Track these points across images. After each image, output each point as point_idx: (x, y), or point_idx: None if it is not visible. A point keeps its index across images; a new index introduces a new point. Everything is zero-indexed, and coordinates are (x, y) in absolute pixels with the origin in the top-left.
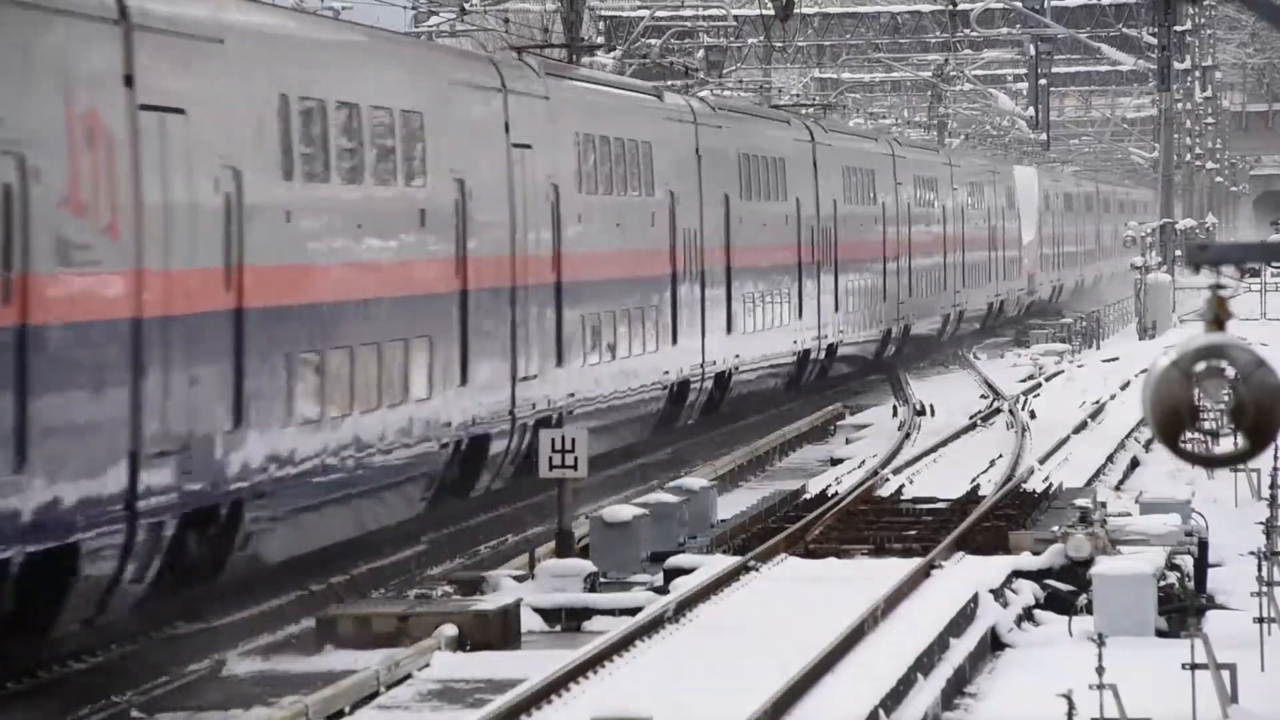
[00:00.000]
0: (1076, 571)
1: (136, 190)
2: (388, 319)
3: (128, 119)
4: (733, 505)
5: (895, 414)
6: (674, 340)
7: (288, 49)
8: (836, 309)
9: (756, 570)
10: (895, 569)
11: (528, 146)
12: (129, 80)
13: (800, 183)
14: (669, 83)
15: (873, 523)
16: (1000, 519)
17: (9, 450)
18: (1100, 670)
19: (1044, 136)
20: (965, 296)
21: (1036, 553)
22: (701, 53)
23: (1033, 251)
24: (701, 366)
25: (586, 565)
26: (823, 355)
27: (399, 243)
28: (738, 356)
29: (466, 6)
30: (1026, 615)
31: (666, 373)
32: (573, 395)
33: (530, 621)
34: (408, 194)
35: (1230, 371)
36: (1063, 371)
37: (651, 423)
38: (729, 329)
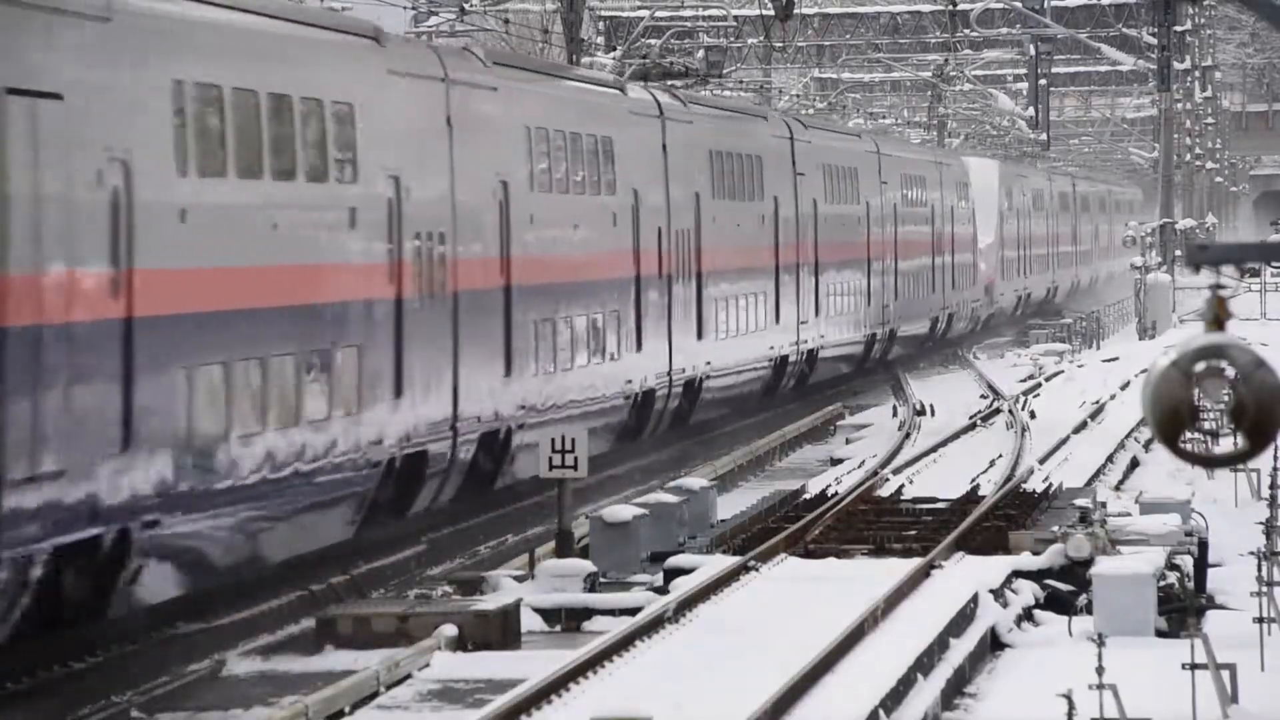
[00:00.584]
0: (1076, 571)
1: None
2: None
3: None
4: (733, 505)
5: (895, 414)
6: (638, 347)
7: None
8: (818, 312)
9: (756, 570)
10: (895, 569)
11: (474, 141)
12: None
13: (779, 181)
14: (671, 83)
15: (873, 523)
16: (1000, 519)
17: None
18: (1100, 670)
19: (1044, 136)
20: (899, 312)
21: (1036, 553)
22: (701, 53)
23: (992, 256)
24: (669, 374)
25: (586, 565)
26: (803, 360)
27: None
28: (709, 363)
29: (466, 6)
30: (1026, 615)
31: (630, 381)
32: (523, 408)
33: (530, 621)
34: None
35: (1230, 371)
36: (1063, 371)
37: (613, 435)
38: (699, 334)
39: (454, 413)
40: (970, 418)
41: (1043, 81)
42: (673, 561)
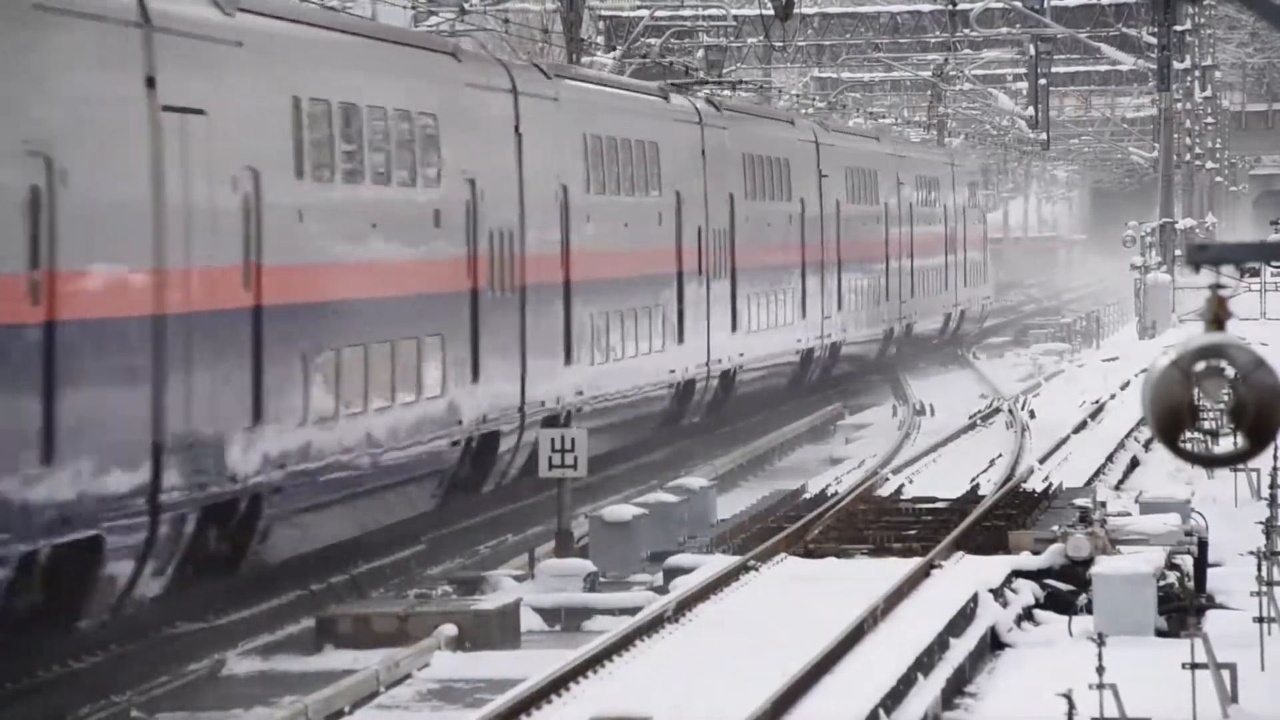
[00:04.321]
0: (1076, 571)
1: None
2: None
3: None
4: (733, 505)
5: (895, 414)
6: (680, 339)
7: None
8: (840, 308)
9: (756, 570)
10: (895, 569)
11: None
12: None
13: (805, 183)
14: (671, 81)
15: (872, 522)
16: (1000, 519)
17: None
18: (1100, 670)
19: (1044, 136)
20: (915, 308)
21: (1036, 552)
22: (701, 53)
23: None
24: (707, 365)
25: (586, 565)
26: (827, 353)
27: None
28: (742, 355)
29: (466, 6)
30: (1026, 615)
31: (672, 371)
32: (580, 393)
33: (530, 621)
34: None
35: (1230, 371)
36: (1063, 371)
37: (657, 421)
38: (734, 327)
39: (522, 397)
40: (970, 418)
41: (1043, 81)
42: (673, 561)
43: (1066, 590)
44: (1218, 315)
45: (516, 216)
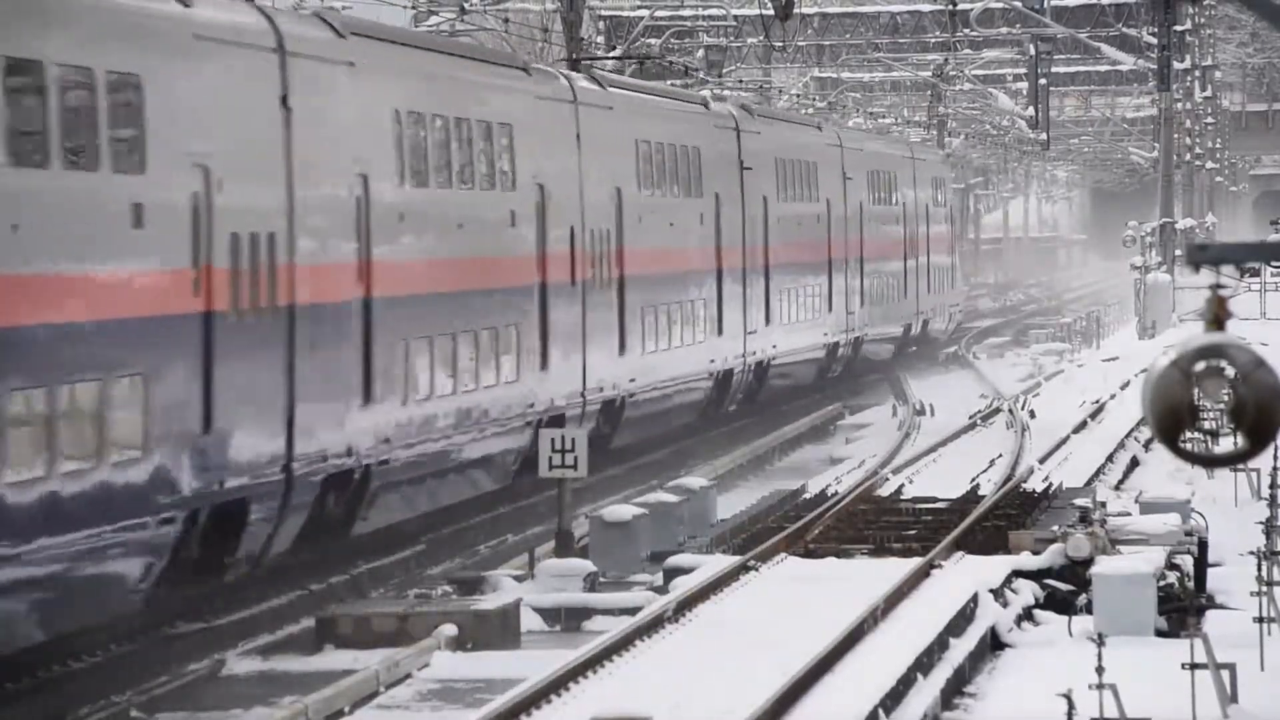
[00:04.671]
0: (1076, 571)
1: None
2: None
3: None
4: (733, 505)
5: (895, 414)
6: (719, 332)
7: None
8: (862, 303)
9: (756, 570)
10: (895, 569)
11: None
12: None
13: (830, 183)
14: (745, 96)
15: (872, 522)
16: (1000, 519)
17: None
18: (1100, 670)
19: (1044, 136)
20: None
21: (1036, 552)
22: (701, 52)
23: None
24: (744, 356)
25: (586, 565)
26: (850, 346)
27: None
28: (775, 346)
29: (466, 6)
30: (1026, 615)
31: (713, 361)
32: (633, 381)
33: (530, 621)
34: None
35: (1230, 371)
36: (1063, 371)
37: (699, 410)
38: (767, 320)
39: (583, 384)
40: (970, 418)
41: (1043, 81)
42: (673, 561)
43: (1066, 590)
44: (1218, 315)
45: (578, 217)
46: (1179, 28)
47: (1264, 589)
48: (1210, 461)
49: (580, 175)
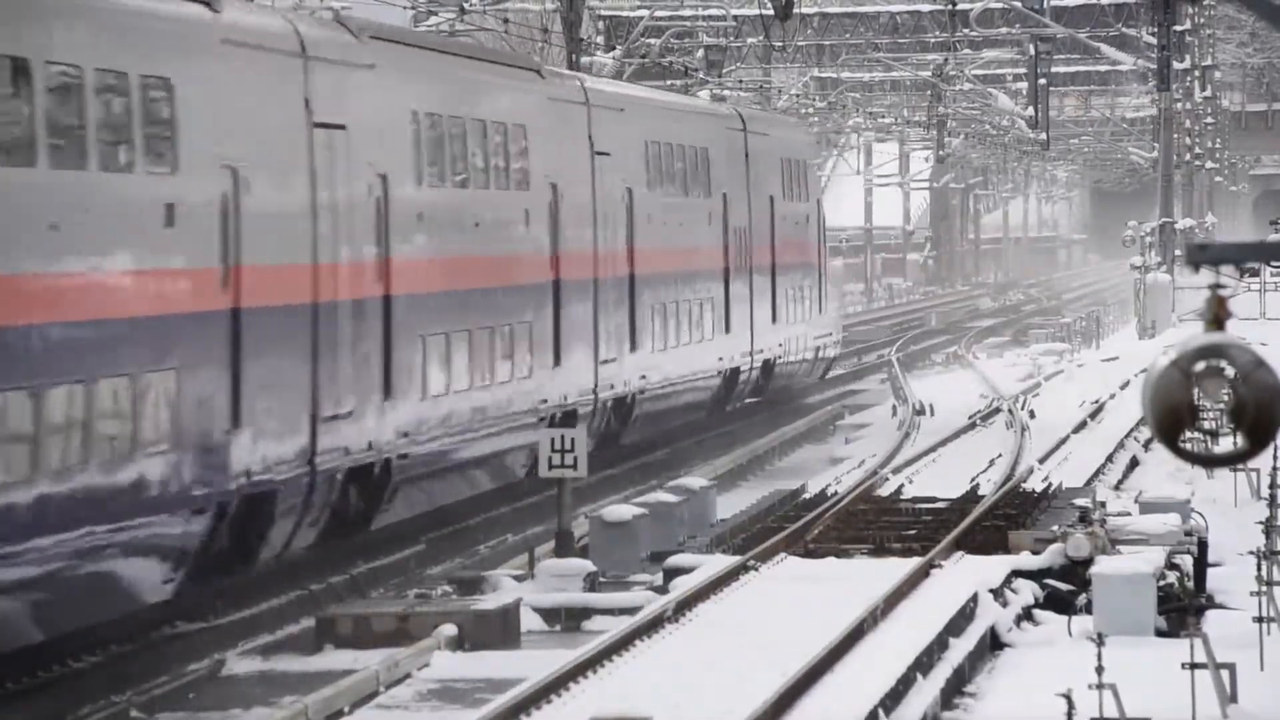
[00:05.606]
0: (1076, 571)
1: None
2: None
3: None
4: (732, 505)
5: (895, 414)
6: (727, 329)
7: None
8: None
9: (756, 570)
10: (895, 569)
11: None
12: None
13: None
14: (747, 97)
15: (872, 522)
16: (1000, 519)
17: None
18: (1100, 670)
19: (1044, 136)
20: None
21: (1036, 552)
22: (701, 52)
23: None
24: (750, 354)
25: (586, 565)
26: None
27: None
28: (780, 345)
29: (466, 6)
30: (1026, 615)
31: (721, 359)
32: (643, 378)
33: (530, 621)
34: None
35: (1230, 371)
36: (1062, 371)
37: (706, 407)
38: (773, 319)
39: (595, 381)
40: (970, 418)
41: (1042, 81)
42: (672, 561)
43: (1066, 590)
44: (1218, 315)
45: (590, 216)
46: (1179, 28)
47: (1264, 589)
48: (1210, 461)
49: (593, 175)
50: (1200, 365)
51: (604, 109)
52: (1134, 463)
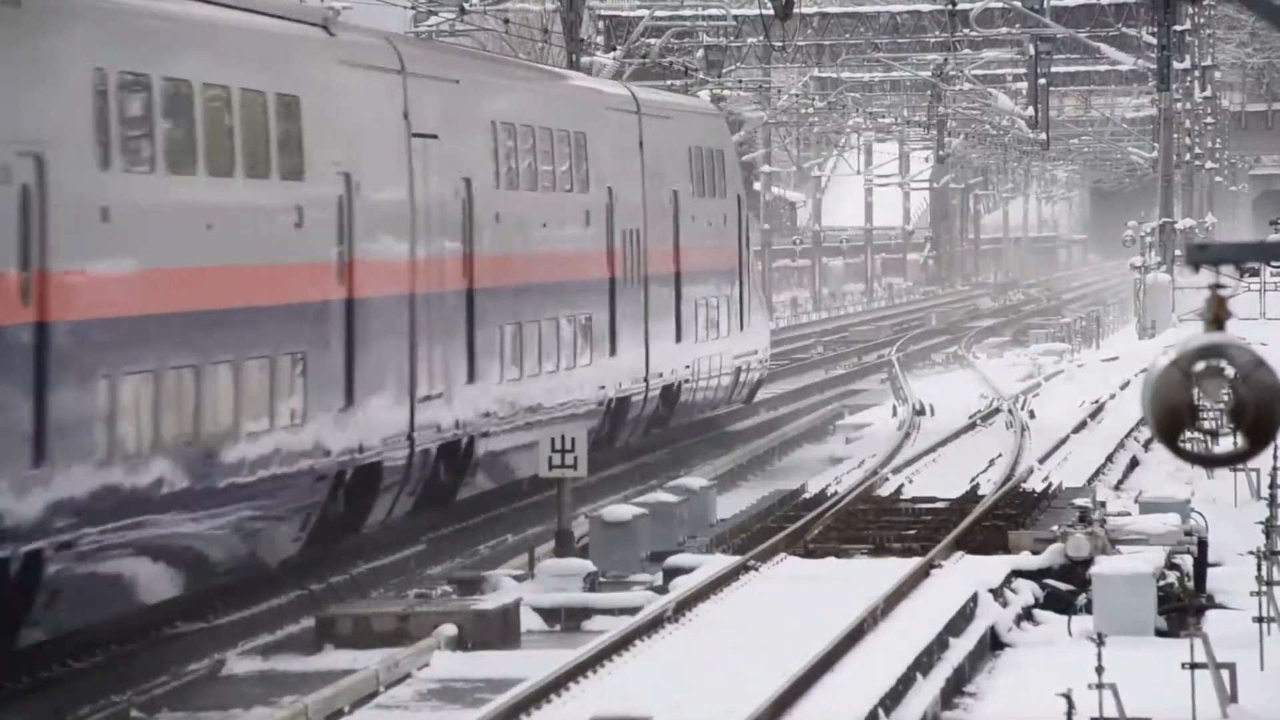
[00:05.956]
0: (1076, 571)
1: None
2: None
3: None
4: (732, 505)
5: (895, 414)
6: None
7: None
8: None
9: (756, 570)
10: (895, 569)
11: None
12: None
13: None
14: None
15: (872, 522)
16: (1000, 519)
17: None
18: (1100, 670)
19: (1044, 136)
20: None
21: (1036, 552)
22: (701, 52)
23: None
24: (645, 381)
25: (586, 565)
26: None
27: None
28: (688, 368)
29: (466, 6)
30: (1026, 615)
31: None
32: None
33: (530, 621)
34: None
35: (1230, 371)
36: (1062, 371)
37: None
38: (677, 336)
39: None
40: (970, 418)
41: (1042, 81)
42: (672, 561)
43: (1066, 590)
44: (1218, 315)
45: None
46: (1179, 28)
47: (1264, 589)
48: (1210, 461)
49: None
50: (1200, 365)
51: (427, 80)
52: (1134, 463)
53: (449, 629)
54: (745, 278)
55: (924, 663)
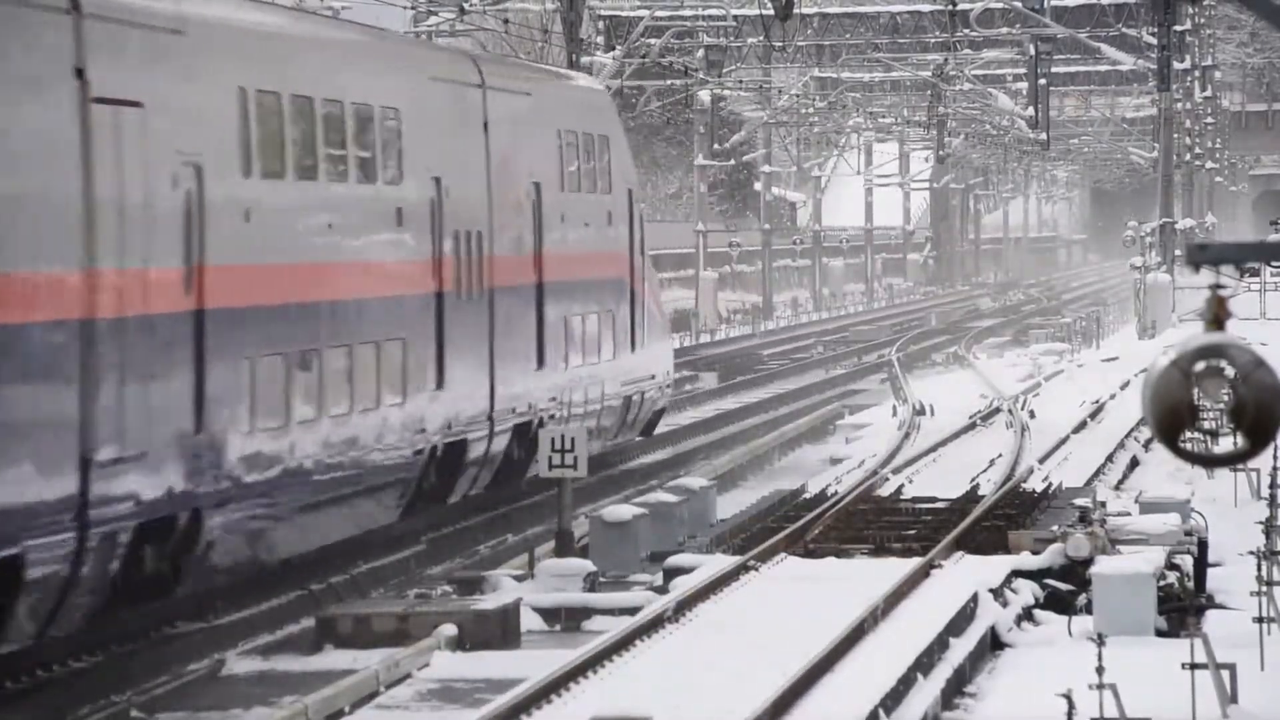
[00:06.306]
0: (1076, 571)
1: None
2: None
3: None
4: (733, 505)
5: (895, 414)
6: (439, 384)
7: None
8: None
9: (756, 570)
10: (895, 569)
11: None
12: None
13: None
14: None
15: (872, 522)
16: (1000, 519)
17: None
18: (1100, 670)
19: (1044, 136)
20: None
21: (1036, 552)
22: (701, 52)
23: None
24: (489, 419)
25: (586, 565)
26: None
27: None
28: (553, 399)
29: (466, 6)
30: (1026, 615)
31: (424, 430)
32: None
33: (530, 621)
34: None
35: (1230, 371)
36: (1062, 371)
37: (394, 504)
38: (538, 361)
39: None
40: (970, 418)
41: (1042, 81)
42: (672, 561)
43: (1066, 590)
44: (1218, 315)
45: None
46: (1179, 28)
47: (1264, 589)
48: (1210, 461)
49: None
50: (1200, 365)
51: (126, 27)
52: (1134, 463)
53: (449, 629)
54: (639, 289)
55: (924, 663)
